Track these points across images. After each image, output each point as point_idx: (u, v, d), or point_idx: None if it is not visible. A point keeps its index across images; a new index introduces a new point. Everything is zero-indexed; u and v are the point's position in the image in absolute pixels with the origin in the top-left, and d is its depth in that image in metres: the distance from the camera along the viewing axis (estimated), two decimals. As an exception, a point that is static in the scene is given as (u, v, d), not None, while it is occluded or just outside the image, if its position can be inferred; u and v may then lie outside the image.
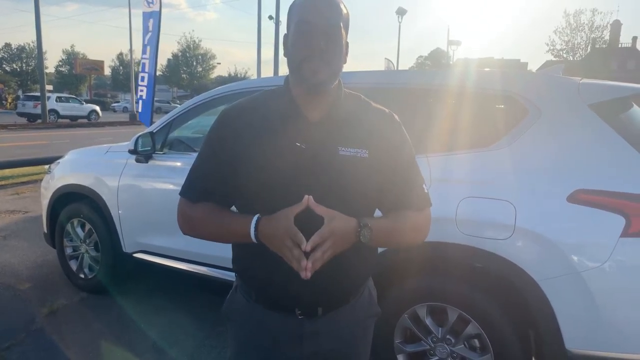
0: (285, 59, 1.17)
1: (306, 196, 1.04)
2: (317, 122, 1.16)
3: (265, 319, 1.22)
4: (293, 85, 1.18)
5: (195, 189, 1.22)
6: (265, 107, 1.19)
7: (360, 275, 1.26)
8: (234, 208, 1.25)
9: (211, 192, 1.19)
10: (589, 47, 52.04)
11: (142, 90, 8.89)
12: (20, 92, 45.47)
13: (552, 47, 53.52)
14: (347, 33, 1.15)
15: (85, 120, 26.53)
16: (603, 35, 52.98)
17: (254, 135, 1.15)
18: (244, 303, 1.26)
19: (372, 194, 1.20)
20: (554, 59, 52.35)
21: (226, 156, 1.17)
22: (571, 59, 51.43)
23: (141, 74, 8.90)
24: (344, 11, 1.13)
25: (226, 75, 63.17)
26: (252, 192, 1.16)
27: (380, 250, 1.37)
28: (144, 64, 8.82)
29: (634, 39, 54.35)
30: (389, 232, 1.16)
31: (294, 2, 1.15)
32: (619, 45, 53.86)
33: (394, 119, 1.24)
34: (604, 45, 52.71)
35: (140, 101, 8.95)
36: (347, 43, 1.15)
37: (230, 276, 2.84)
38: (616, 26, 52.82)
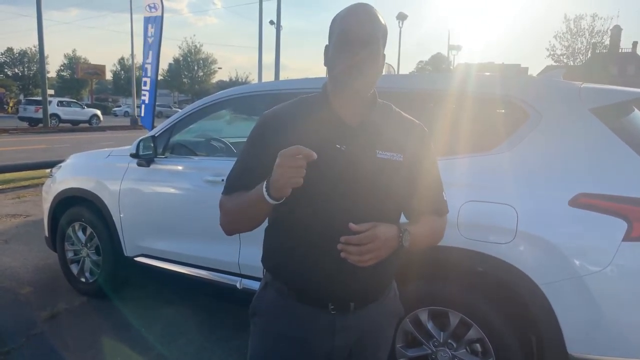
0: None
1: (350, 224, 1.09)
2: (355, 126, 1.22)
3: (297, 313, 1.26)
4: (331, 91, 1.24)
5: (232, 186, 1.27)
6: (305, 111, 1.25)
7: (390, 273, 1.32)
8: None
9: (249, 188, 1.21)
10: (589, 52, 52.01)
11: (144, 95, 8.94)
12: (21, 97, 45.47)
13: (552, 52, 53.49)
14: (384, 46, 1.21)
15: (86, 125, 26.55)
16: (603, 41, 52.96)
17: (294, 136, 1.19)
18: (276, 299, 1.30)
19: (403, 197, 1.27)
20: (555, 64, 52.26)
21: (266, 155, 1.19)
22: (571, 64, 51.36)
23: (144, 79, 8.95)
24: (383, 23, 1.19)
25: (227, 79, 63.27)
26: (292, 192, 1.16)
27: None
28: (146, 69, 8.89)
29: (634, 44, 54.39)
30: (419, 237, 1.24)
31: (337, 14, 1.22)
32: (620, 51, 53.88)
33: (423, 129, 1.32)
34: (604, 50, 52.71)
35: (143, 105, 8.99)
36: (384, 55, 1.22)
37: (231, 280, 2.85)
38: (616, 31, 52.83)
